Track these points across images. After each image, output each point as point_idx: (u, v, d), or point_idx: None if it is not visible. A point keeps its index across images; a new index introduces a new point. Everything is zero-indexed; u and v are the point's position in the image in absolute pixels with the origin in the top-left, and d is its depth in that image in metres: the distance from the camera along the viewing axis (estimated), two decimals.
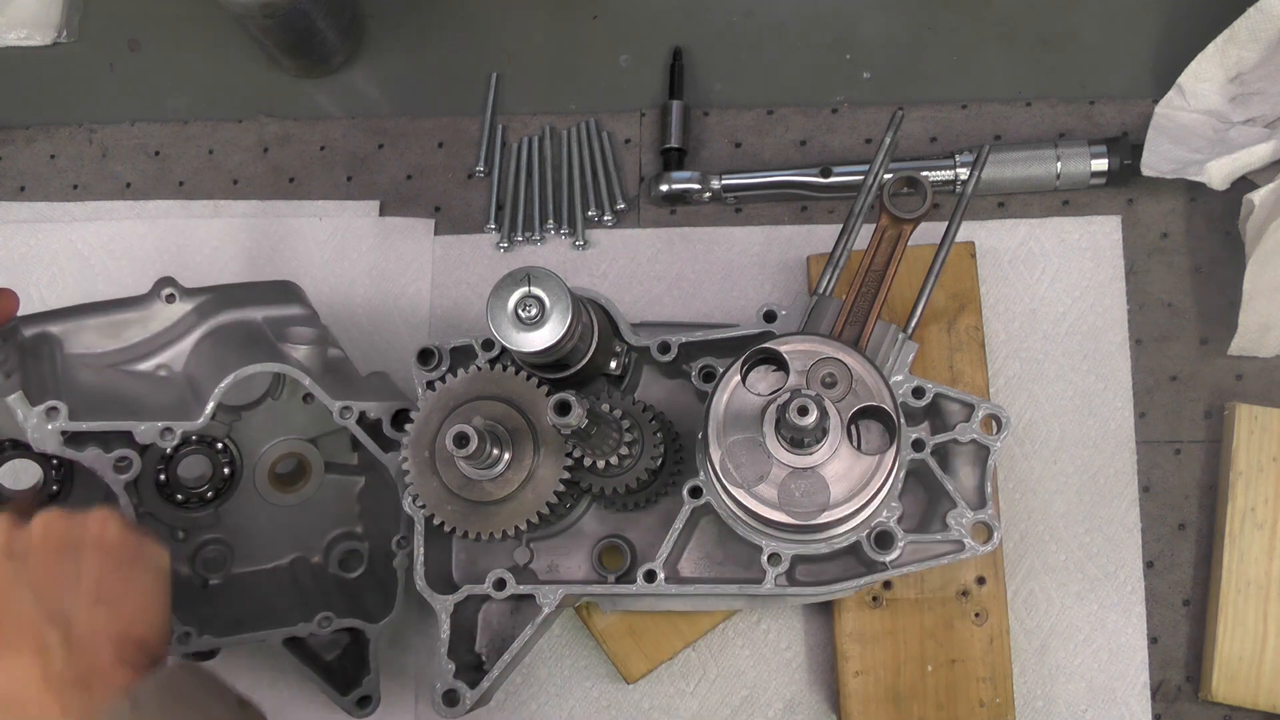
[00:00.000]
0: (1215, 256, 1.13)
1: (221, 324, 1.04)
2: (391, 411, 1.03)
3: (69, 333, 1.01)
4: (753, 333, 0.99)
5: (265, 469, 1.09)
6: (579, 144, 1.22)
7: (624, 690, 1.10)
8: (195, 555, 1.08)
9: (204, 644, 0.99)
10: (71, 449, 0.94)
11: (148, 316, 1.03)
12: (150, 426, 0.96)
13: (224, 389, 0.97)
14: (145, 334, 1.03)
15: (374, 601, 1.05)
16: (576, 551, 1.03)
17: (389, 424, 1.03)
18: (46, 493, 1.04)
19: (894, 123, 0.99)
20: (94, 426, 0.95)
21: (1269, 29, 1.11)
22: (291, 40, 1.21)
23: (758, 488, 0.89)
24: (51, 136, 1.29)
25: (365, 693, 1.02)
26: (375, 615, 1.03)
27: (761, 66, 1.24)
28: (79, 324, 1.01)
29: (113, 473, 0.96)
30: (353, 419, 1.01)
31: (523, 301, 0.90)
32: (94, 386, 0.98)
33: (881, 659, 1.05)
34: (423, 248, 1.21)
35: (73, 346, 1.01)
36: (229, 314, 1.04)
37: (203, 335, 1.03)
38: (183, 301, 1.04)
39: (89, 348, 1.01)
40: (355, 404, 1.01)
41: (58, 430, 0.93)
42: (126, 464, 0.97)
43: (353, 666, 1.04)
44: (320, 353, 1.05)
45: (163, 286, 1.04)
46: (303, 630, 1.01)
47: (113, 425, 0.95)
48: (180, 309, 1.04)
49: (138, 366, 1.03)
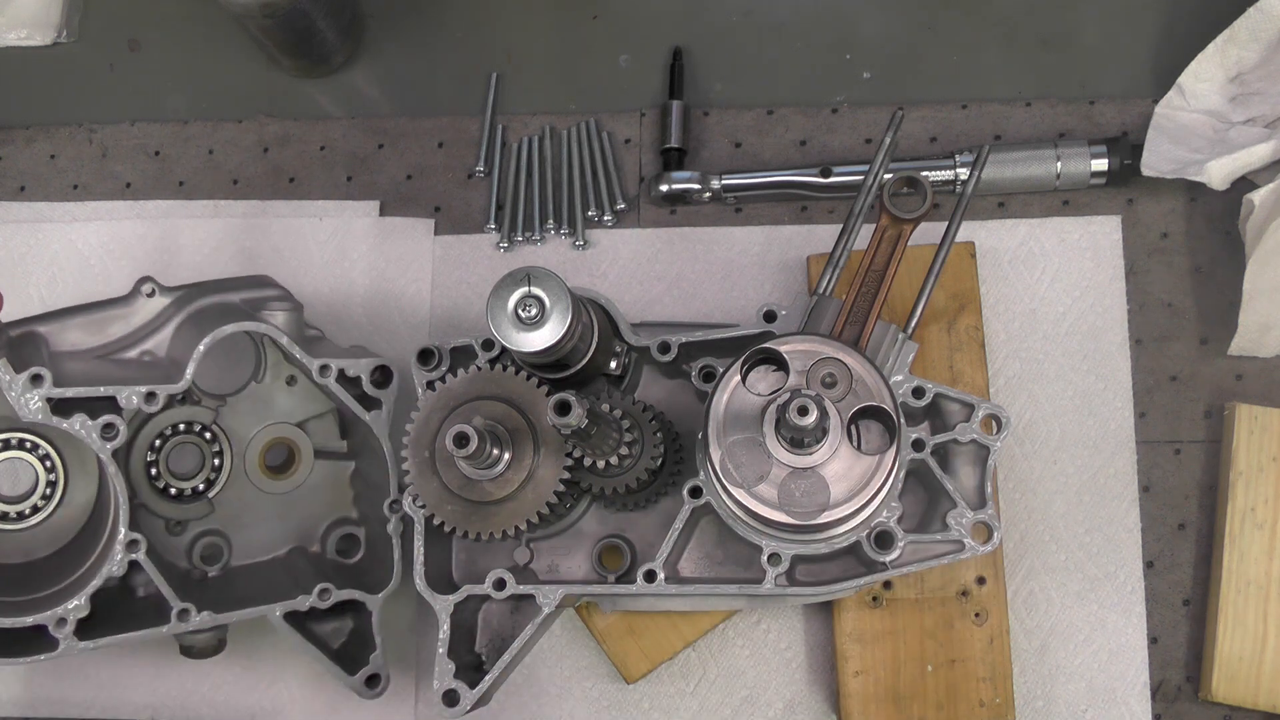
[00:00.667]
0: (1215, 256, 1.13)
1: (200, 307, 1.06)
2: (371, 368, 1.04)
3: (54, 332, 1.03)
4: (753, 333, 0.99)
5: (255, 457, 1.10)
6: (579, 144, 1.22)
7: (624, 690, 1.10)
8: (191, 548, 1.09)
9: (204, 621, 1.00)
10: (58, 418, 0.95)
11: (130, 312, 1.05)
12: (134, 390, 0.98)
13: (205, 347, 0.99)
14: (128, 328, 1.05)
15: (375, 580, 1.06)
16: (576, 551, 1.03)
17: (369, 381, 1.04)
18: (41, 493, 1.06)
19: (894, 123, 0.99)
20: (78, 392, 0.96)
21: (1269, 29, 1.11)
22: (291, 40, 1.21)
23: (758, 488, 0.89)
24: (51, 136, 1.29)
25: (373, 670, 1.03)
26: (376, 591, 1.05)
27: (761, 66, 1.24)
28: (64, 323, 1.03)
29: (99, 439, 0.97)
30: (332, 378, 1.02)
31: (523, 301, 0.90)
32: (81, 373, 0.99)
33: (881, 659, 1.05)
34: (423, 248, 1.21)
35: (59, 344, 1.03)
36: (207, 299, 1.06)
37: (183, 320, 1.05)
38: (162, 296, 1.06)
39: (74, 345, 1.03)
40: (334, 361, 1.03)
41: (43, 397, 0.94)
42: (113, 432, 0.97)
43: (359, 649, 1.05)
44: (297, 320, 1.07)
45: (143, 284, 1.06)
46: (302, 603, 1.02)
47: (97, 390, 0.97)
48: (160, 302, 1.06)
49: (123, 355, 1.05)
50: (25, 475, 1.06)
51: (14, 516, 1.06)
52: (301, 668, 1.14)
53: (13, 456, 1.06)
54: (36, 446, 1.06)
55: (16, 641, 0.99)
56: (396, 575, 1.03)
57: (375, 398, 1.05)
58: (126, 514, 0.99)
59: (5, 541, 1.06)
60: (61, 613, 0.98)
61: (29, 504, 1.06)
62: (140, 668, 1.15)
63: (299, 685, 1.14)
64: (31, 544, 1.07)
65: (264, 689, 1.14)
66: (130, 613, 1.03)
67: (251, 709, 1.14)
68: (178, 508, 1.08)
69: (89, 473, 1.08)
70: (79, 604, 0.98)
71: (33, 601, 1.00)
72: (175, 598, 0.99)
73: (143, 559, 0.99)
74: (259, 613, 1.01)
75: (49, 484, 1.07)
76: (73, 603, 0.98)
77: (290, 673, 1.14)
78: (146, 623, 1.00)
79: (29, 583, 1.03)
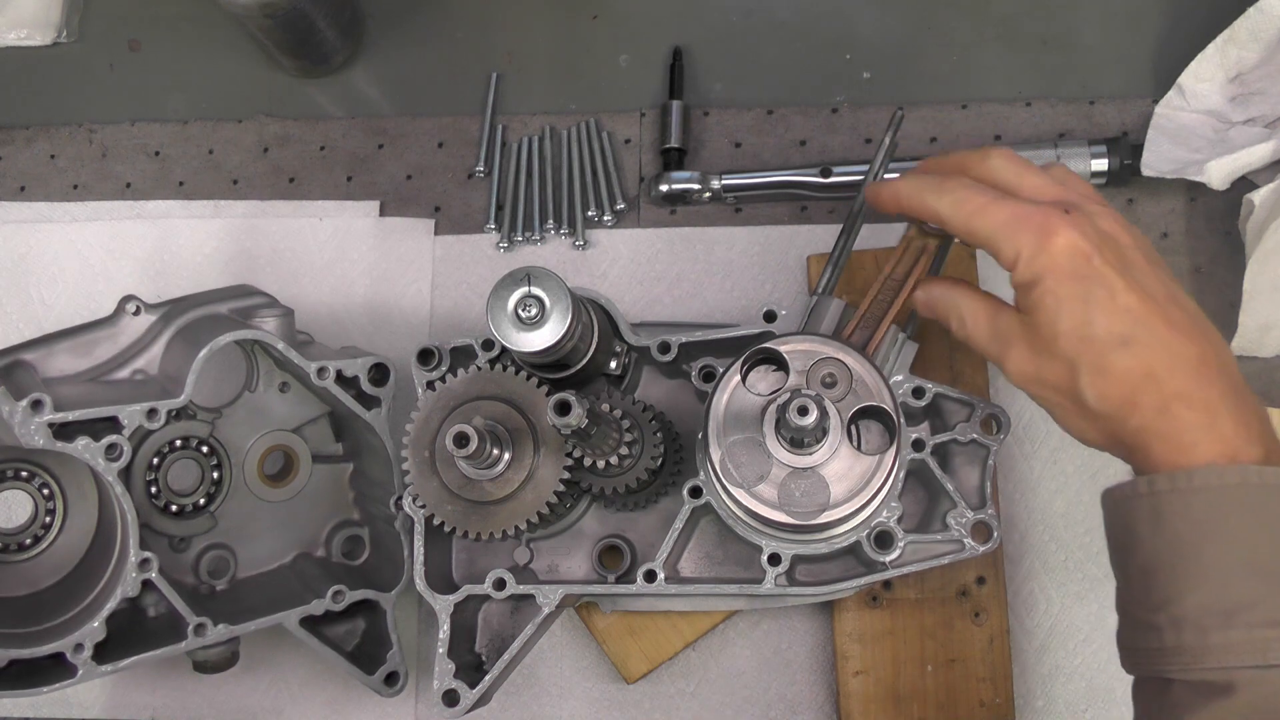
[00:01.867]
0: (1215, 256, 1.13)
1: (188, 321, 1.05)
2: (368, 367, 1.04)
3: (41, 359, 1.02)
4: (753, 333, 0.99)
5: (253, 467, 1.10)
6: (579, 144, 1.22)
7: (624, 690, 1.10)
8: (197, 563, 1.09)
9: (220, 634, 1.00)
10: (61, 442, 0.95)
11: (116, 332, 1.05)
12: (136, 408, 0.97)
13: (202, 360, 0.98)
14: (116, 348, 1.05)
15: (382, 579, 1.06)
16: (576, 551, 1.03)
17: (367, 380, 1.04)
18: (41, 522, 1.06)
19: (894, 123, 0.99)
20: (80, 415, 0.96)
21: (1269, 29, 1.11)
22: (291, 40, 1.21)
23: (758, 488, 0.89)
24: (51, 136, 1.29)
25: (391, 668, 1.04)
26: (387, 590, 1.05)
27: (761, 66, 1.24)
28: (50, 349, 1.03)
29: (104, 461, 0.96)
30: (330, 380, 1.03)
31: (523, 301, 0.90)
32: (74, 397, 0.98)
33: (881, 659, 1.05)
34: (423, 248, 1.21)
35: (47, 370, 1.02)
36: (193, 313, 1.06)
37: (172, 335, 1.05)
38: (148, 313, 1.06)
39: (63, 370, 1.03)
40: (330, 363, 1.03)
41: (44, 423, 0.94)
42: (117, 452, 0.97)
43: (374, 648, 1.06)
44: (288, 325, 1.07)
45: (126, 303, 1.05)
46: (317, 607, 1.02)
47: (98, 412, 0.96)
48: (146, 320, 1.05)
49: (114, 376, 1.05)
50: (23, 506, 1.06)
51: (15, 549, 1.06)
52: (302, 668, 1.14)
53: (8, 487, 1.05)
54: (33, 476, 1.06)
55: (34, 672, 0.98)
56: (408, 571, 1.03)
57: (374, 396, 1.05)
58: (137, 535, 0.98)
59: (9, 574, 1.06)
60: (79, 638, 0.97)
61: (29, 534, 1.06)
62: (142, 668, 1.15)
63: (299, 685, 1.14)
64: (35, 574, 1.06)
65: (264, 689, 1.14)
66: (144, 633, 1.02)
67: (253, 709, 1.14)
68: (180, 524, 1.08)
69: (87, 496, 1.07)
70: (95, 628, 0.97)
71: (44, 631, 0.99)
72: (191, 613, 0.99)
73: (156, 578, 0.98)
74: (274, 621, 1.01)
75: (48, 512, 1.06)
76: (89, 628, 0.97)
77: (291, 673, 1.14)
78: (162, 641, 1.00)
79: (37, 613, 1.02)
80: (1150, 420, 0.77)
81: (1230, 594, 0.74)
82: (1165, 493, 0.75)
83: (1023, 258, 0.80)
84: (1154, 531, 0.76)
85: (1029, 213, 0.80)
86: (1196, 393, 0.77)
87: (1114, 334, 0.78)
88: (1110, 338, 0.78)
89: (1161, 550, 0.76)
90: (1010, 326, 0.83)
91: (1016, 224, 0.80)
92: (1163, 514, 0.75)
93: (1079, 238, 0.79)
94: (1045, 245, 0.79)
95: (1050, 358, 0.80)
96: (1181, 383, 0.77)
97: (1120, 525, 0.80)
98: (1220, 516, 0.74)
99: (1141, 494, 0.77)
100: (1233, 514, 0.74)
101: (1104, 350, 0.78)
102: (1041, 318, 0.80)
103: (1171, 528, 0.75)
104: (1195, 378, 0.77)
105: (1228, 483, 0.74)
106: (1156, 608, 0.76)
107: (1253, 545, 0.74)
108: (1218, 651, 0.73)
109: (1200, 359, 0.78)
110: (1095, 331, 0.78)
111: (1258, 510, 0.74)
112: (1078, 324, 0.79)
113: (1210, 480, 0.74)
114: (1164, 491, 0.75)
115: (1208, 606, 0.74)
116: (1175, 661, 0.75)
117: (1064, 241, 0.79)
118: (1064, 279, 0.79)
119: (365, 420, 1.04)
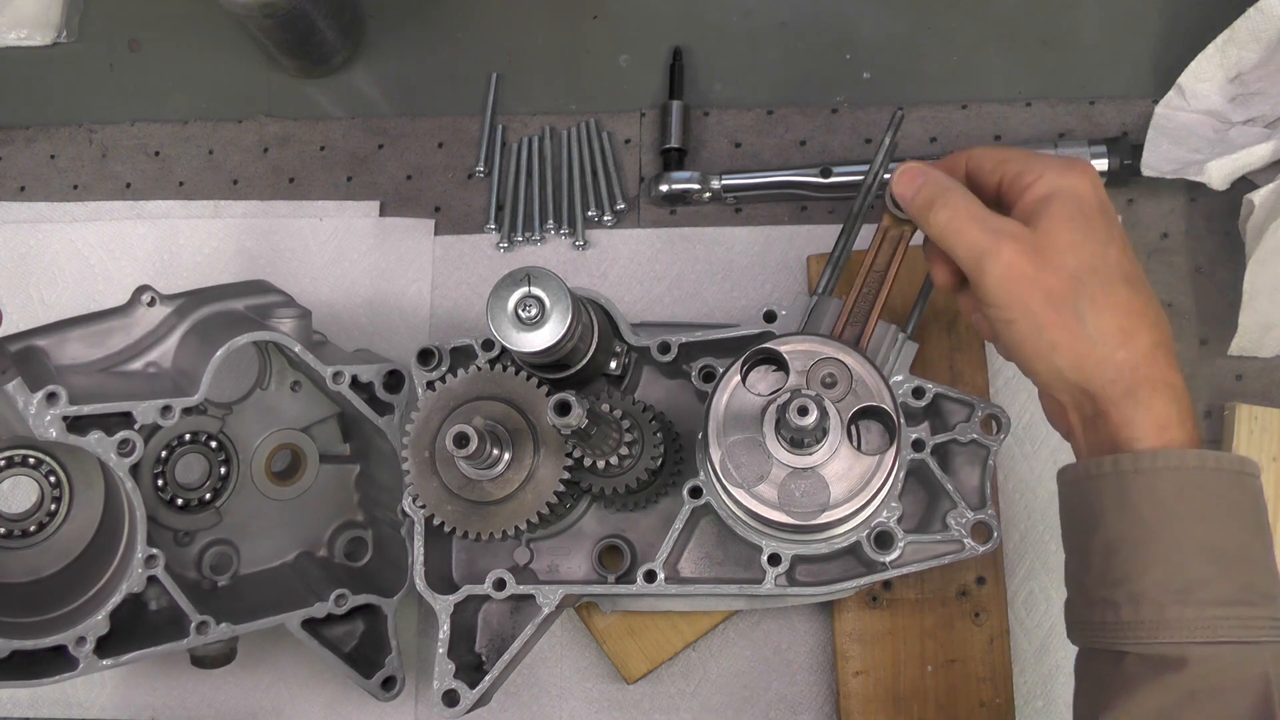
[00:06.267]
0: (1215, 256, 1.13)
1: (204, 316, 1.05)
2: (383, 373, 1.04)
3: (54, 345, 1.02)
4: (753, 333, 0.99)
5: (261, 464, 1.10)
6: (579, 144, 1.22)
7: (624, 690, 1.10)
8: (200, 558, 1.09)
9: (222, 632, 1.00)
10: (74, 435, 0.95)
11: (130, 323, 1.04)
12: (150, 405, 0.97)
13: (218, 360, 0.98)
14: (129, 339, 1.04)
15: (385, 583, 1.06)
16: (576, 551, 1.03)
17: (381, 387, 1.04)
18: (46, 509, 1.05)
19: (894, 123, 0.99)
20: (95, 409, 0.95)
21: (1269, 29, 1.11)
22: (291, 40, 1.21)
23: (758, 488, 0.89)
24: (51, 136, 1.29)
25: (389, 673, 1.04)
26: (388, 594, 1.05)
27: (761, 66, 1.24)
28: (63, 336, 1.02)
29: (116, 456, 0.96)
30: (345, 384, 1.03)
31: (523, 301, 0.90)
32: (87, 388, 0.98)
33: (881, 659, 1.05)
34: (423, 248, 1.21)
35: (60, 358, 1.02)
36: (210, 307, 1.05)
37: (187, 330, 1.04)
38: (163, 305, 1.05)
39: (75, 358, 1.02)
40: (346, 368, 1.03)
41: (59, 416, 0.93)
42: (129, 447, 0.97)
43: (372, 651, 1.06)
44: (305, 326, 1.07)
45: (141, 293, 1.05)
46: (320, 610, 1.02)
47: (113, 407, 0.96)
48: (160, 311, 1.05)
49: (127, 367, 1.04)
50: (28, 492, 1.05)
51: (19, 534, 1.05)
52: (301, 668, 1.14)
53: (15, 473, 1.05)
54: (40, 463, 1.05)
55: (35, 663, 0.98)
56: (410, 577, 1.03)
57: (387, 402, 1.05)
58: (144, 530, 0.98)
59: (12, 560, 1.05)
60: (81, 631, 0.97)
61: (34, 520, 1.05)
62: (142, 668, 1.15)
63: (299, 685, 1.14)
64: (39, 561, 1.06)
65: (264, 689, 1.14)
66: (146, 627, 1.02)
67: (252, 709, 1.14)
68: (186, 519, 1.08)
69: (93, 486, 1.07)
70: (99, 621, 0.97)
71: (46, 622, 0.99)
72: (194, 610, 0.99)
73: (160, 574, 0.98)
74: (277, 621, 1.01)
75: (54, 499, 1.06)
76: (92, 621, 0.97)
77: (290, 673, 1.14)
78: (164, 637, 1.00)
79: (40, 602, 1.02)
80: (1122, 392, 0.79)
81: (1186, 573, 0.76)
82: (1130, 473, 0.78)
83: (1044, 179, 0.82)
84: (1118, 510, 0.78)
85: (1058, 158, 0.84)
86: (1161, 377, 0.80)
87: (1122, 269, 0.80)
88: (1118, 270, 0.80)
89: (1124, 529, 0.78)
90: (1007, 225, 0.82)
91: (1041, 160, 0.83)
92: (1128, 493, 0.78)
93: (1096, 183, 0.82)
94: (1068, 171, 0.82)
95: (1053, 270, 0.80)
96: (1154, 368, 0.80)
97: (1081, 503, 0.82)
98: (1181, 498, 0.77)
99: (1107, 473, 0.79)
100: (1193, 496, 0.77)
101: (1111, 278, 0.80)
102: (1056, 227, 0.80)
103: (1135, 507, 0.77)
104: (1166, 362, 0.80)
105: (1188, 465, 0.77)
106: (1116, 584, 0.78)
107: (1207, 527, 0.77)
108: (1173, 627, 0.76)
109: (1168, 344, 0.81)
110: (1108, 260, 0.80)
111: (1212, 494, 0.77)
112: (1096, 247, 0.80)
113: (1173, 462, 0.77)
114: (1128, 472, 0.78)
115: (1165, 584, 0.76)
116: (1130, 635, 0.77)
117: (1085, 177, 0.82)
118: (1089, 202, 0.81)
119: (377, 426, 1.04)
